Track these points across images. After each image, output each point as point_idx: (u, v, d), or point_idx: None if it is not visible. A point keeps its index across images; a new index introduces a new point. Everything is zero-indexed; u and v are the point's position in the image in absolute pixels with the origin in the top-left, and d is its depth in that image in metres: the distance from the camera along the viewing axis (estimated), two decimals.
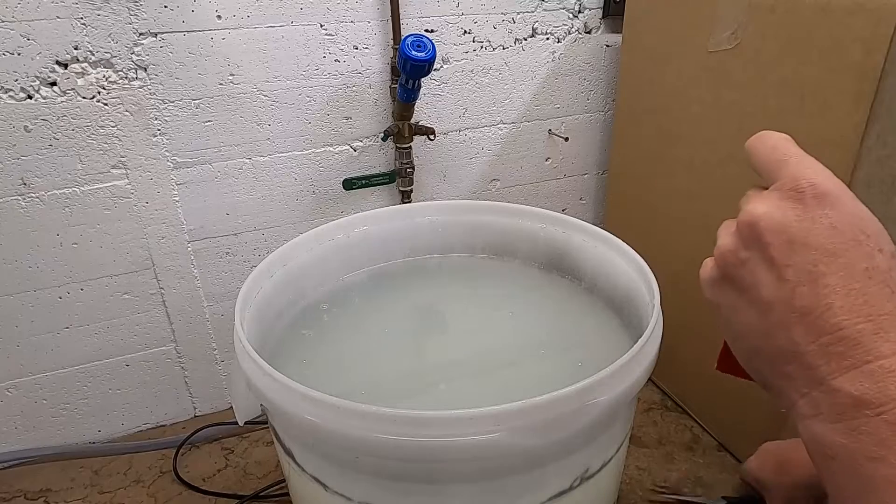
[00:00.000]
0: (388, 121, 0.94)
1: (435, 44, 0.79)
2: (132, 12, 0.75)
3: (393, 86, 0.90)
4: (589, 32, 1.03)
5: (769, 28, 0.69)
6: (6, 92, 0.73)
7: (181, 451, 0.92)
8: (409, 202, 0.99)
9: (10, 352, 0.85)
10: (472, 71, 0.97)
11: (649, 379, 0.49)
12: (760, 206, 0.27)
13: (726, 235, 0.30)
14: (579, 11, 1.00)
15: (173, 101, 0.80)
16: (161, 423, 0.99)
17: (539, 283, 0.74)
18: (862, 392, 0.23)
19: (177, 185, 0.85)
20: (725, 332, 0.31)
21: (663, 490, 0.81)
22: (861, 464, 0.23)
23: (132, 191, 0.83)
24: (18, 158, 0.76)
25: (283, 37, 0.83)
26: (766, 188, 0.29)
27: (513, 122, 1.04)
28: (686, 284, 0.91)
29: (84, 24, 0.73)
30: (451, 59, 0.95)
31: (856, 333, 0.24)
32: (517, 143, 1.06)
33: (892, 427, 0.23)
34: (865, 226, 0.26)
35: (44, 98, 0.75)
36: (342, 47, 0.87)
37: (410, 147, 0.94)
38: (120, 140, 0.80)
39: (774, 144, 0.29)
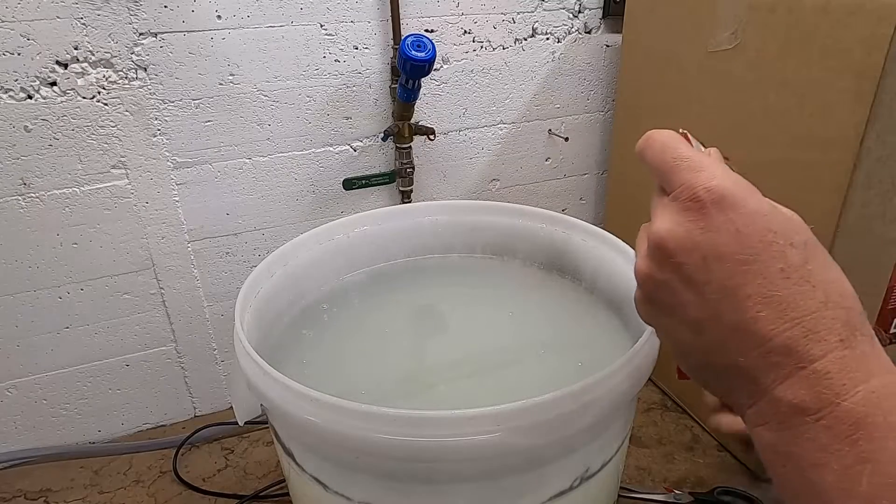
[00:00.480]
0: (388, 121, 0.94)
1: (435, 44, 0.79)
2: (132, 12, 0.75)
3: (393, 86, 0.90)
4: (589, 32, 1.03)
5: (769, 28, 0.69)
6: (6, 92, 0.73)
7: (181, 451, 0.92)
8: (409, 202, 0.99)
9: (10, 352, 0.85)
10: (472, 71, 0.97)
11: (649, 379, 0.49)
12: (664, 224, 0.27)
13: (641, 257, 0.29)
14: (579, 11, 1.00)
15: (173, 101, 0.80)
16: (161, 423, 0.99)
17: (539, 283, 0.74)
18: (800, 399, 0.23)
19: (177, 185, 0.85)
20: (668, 349, 0.30)
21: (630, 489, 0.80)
22: (808, 470, 0.23)
23: (132, 191, 0.83)
24: (18, 158, 0.76)
25: (283, 37, 0.83)
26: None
27: (513, 122, 1.04)
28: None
29: (84, 24, 0.73)
30: (451, 59, 0.95)
31: (787, 340, 0.24)
32: (517, 143, 1.06)
33: (832, 432, 0.22)
34: (770, 222, 0.25)
35: (44, 98, 0.75)
36: (342, 47, 0.87)
37: (410, 147, 0.94)
38: (120, 140, 0.80)
39: (663, 145, 0.28)
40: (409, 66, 0.79)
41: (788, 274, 0.24)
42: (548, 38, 1.00)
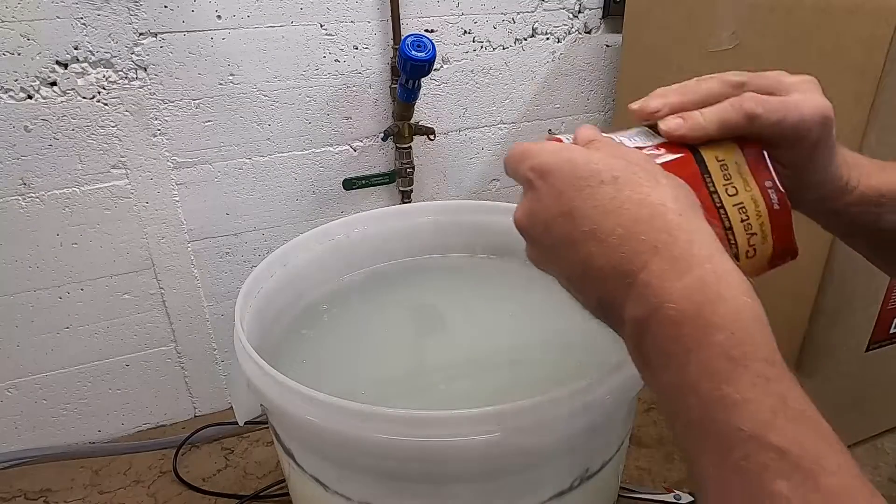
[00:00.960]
0: (388, 121, 0.94)
1: (435, 44, 0.79)
2: (132, 12, 0.75)
3: (393, 86, 0.90)
4: (589, 32, 1.03)
5: (769, 28, 0.69)
6: (6, 92, 0.73)
7: (181, 451, 0.92)
8: (409, 202, 0.99)
9: (10, 352, 0.85)
10: (472, 71, 0.97)
11: None
12: (516, 211, 0.31)
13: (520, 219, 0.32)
14: (579, 11, 1.00)
15: (173, 101, 0.80)
16: (161, 423, 0.99)
17: (539, 283, 0.74)
18: (637, 314, 0.25)
19: (177, 185, 0.85)
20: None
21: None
22: (656, 379, 0.25)
23: (132, 191, 0.83)
24: (18, 158, 0.76)
25: (283, 37, 0.83)
26: None
27: (513, 122, 1.04)
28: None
29: (84, 24, 0.73)
30: (451, 59, 0.95)
31: (615, 266, 0.26)
32: None
33: (662, 334, 0.24)
34: (579, 171, 0.28)
35: (44, 98, 0.75)
36: (342, 47, 0.87)
37: (410, 147, 0.94)
38: (120, 140, 0.80)
39: (516, 152, 0.32)
40: (409, 66, 0.79)
41: (602, 209, 0.27)
42: (548, 38, 1.00)
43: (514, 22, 0.96)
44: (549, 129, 1.07)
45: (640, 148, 0.32)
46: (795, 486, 0.20)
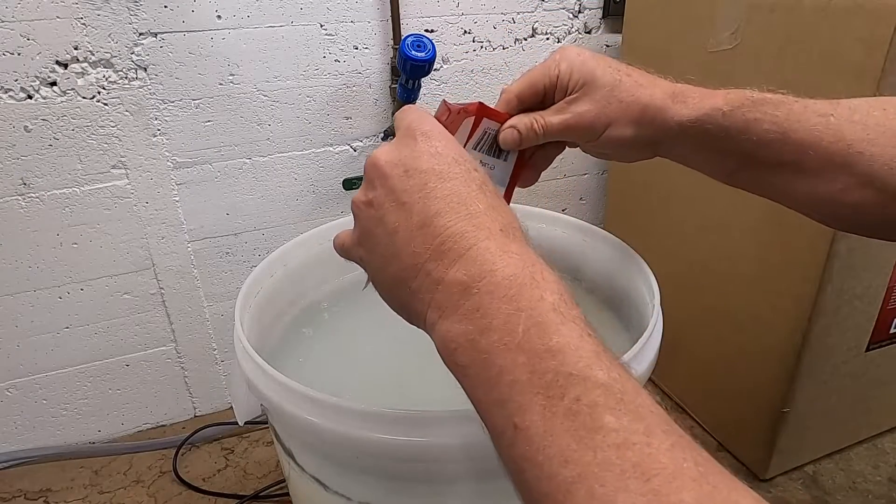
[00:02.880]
0: (388, 121, 0.94)
1: (435, 44, 0.79)
2: (132, 12, 0.75)
3: (393, 86, 0.90)
4: (589, 32, 1.03)
5: (769, 28, 0.69)
6: (6, 92, 0.73)
7: (181, 451, 0.92)
8: None
9: (10, 352, 0.85)
10: (472, 71, 0.97)
11: (649, 379, 0.49)
12: (382, 151, 0.32)
13: (356, 194, 0.34)
14: (579, 11, 1.00)
15: (173, 101, 0.80)
16: (161, 423, 0.99)
17: None
18: (466, 275, 0.26)
19: (177, 185, 0.85)
20: (373, 282, 0.34)
21: None
22: (478, 341, 0.25)
23: (132, 191, 0.83)
24: (18, 158, 0.76)
25: (283, 37, 0.83)
26: None
27: None
28: (686, 284, 0.91)
29: (84, 24, 0.73)
30: (451, 59, 0.95)
31: (459, 229, 0.28)
32: None
33: (491, 295, 0.26)
34: (462, 154, 0.31)
35: (44, 98, 0.75)
36: (342, 47, 0.87)
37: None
38: (120, 140, 0.80)
39: (404, 110, 0.35)
40: (409, 66, 0.79)
41: (468, 185, 0.29)
42: (548, 38, 1.00)
43: (514, 22, 0.96)
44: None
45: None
46: (620, 417, 0.21)
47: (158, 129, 0.81)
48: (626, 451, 0.21)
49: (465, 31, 0.94)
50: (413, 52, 0.78)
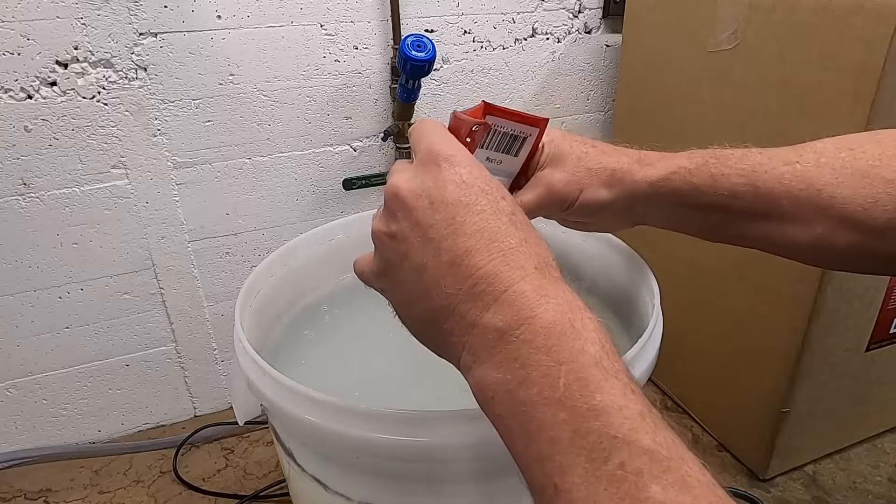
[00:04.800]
0: (388, 121, 0.94)
1: (435, 44, 0.79)
2: (132, 12, 0.75)
3: (393, 86, 0.90)
4: (589, 32, 1.03)
5: (769, 28, 0.69)
6: (6, 92, 0.73)
7: (181, 451, 0.92)
8: None
9: (10, 352, 0.85)
10: (472, 71, 0.97)
11: (649, 379, 0.49)
12: (401, 178, 0.30)
13: (377, 219, 0.32)
14: (579, 11, 1.00)
15: (173, 101, 0.80)
16: (161, 423, 0.99)
17: None
18: (503, 321, 0.25)
19: (177, 185, 0.85)
20: (399, 316, 0.32)
21: None
22: (516, 392, 0.24)
23: (132, 191, 0.83)
24: (18, 158, 0.76)
25: (283, 37, 0.83)
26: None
27: None
28: (686, 284, 0.91)
29: (84, 24, 0.73)
30: (451, 59, 0.95)
31: (492, 269, 0.26)
32: None
33: (529, 345, 0.24)
34: (488, 180, 0.29)
35: (44, 98, 0.75)
36: (342, 47, 0.87)
37: (410, 147, 0.94)
38: (120, 140, 0.80)
39: (420, 127, 0.33)
40: (409, 66, 0.79)
41: (498, 218, 0.28)
42: (548, 38, 1.00)
43: (514, 22, 0.96)
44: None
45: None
46: (666, 488, 0.21)
47: (158, 129, 0.81)
48: None
49: (465, 31, 0.94)
50: (413, 52, 0.78)
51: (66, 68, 0.74)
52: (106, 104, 0.77)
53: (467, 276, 0.26)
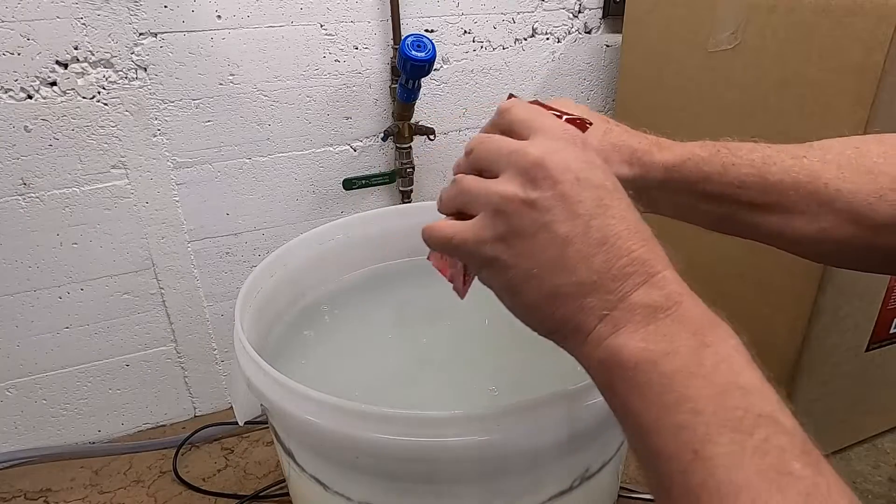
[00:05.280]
0: (388, 121, 0.94)
1: (435, 44, 0.79)
2: (132, 12, 0.75)
3: (393, 86, 0.90)
4: (589, 32, 1.03)
5: (769, 28, 0.69)
6: (6, 92, 0.73)
7: (181, 451, 0.92)
8: (409, 202, 0.99)
9: (10, 352, 0.85)
10: (472, 71, 0.97)
11: None
12: (541, 149, 0.29)
13: (500, 185, 0.30)
14: (579, 11, 1.00)
15: (173, 101, 0.80)
16: (161, 423, 0.99)
17: None
18: (653, 301, 0.27)
19: (177, 185, 0.85)
20: (510, 285, 0.31)
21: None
22: (660, 363, 0.26)
23: (132, 191, 0.83)
24: (18, 158, 0.76)
25: (283, 37, 0.83)
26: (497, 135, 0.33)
27: None
28: (686, 283, 0.91)
29: (84, 24, 0.73)
30: (451, 59, 0.95)
31: (642, 254, 0.28)
32: None
33: (678, 324, 0.26)
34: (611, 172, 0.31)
35: (44, 98, 0.75)
36: (342, 47, 0.87)
37: (410, 147, 0.94)
38: (120, 140, 0.80)
39: (523, 104, 0.34)
40: (409, 66, 0.79)
41: (633, 209, 0.30)
42: (548, 38, 1.00)
43: (514, 22, 0.96)
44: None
45: None
46: (805, 466, 0.22)
47: (158, 129, 0.81)
48: (813, 500, 0.21)
49: (465, 31, 0.94)
50: (413, 52, 0.78)
51: (66, 68, 0.74)
52: (106, 104, 0.77)
53: (619, 256, 0.28)
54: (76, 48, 0.74)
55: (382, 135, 0.92)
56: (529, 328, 0.31)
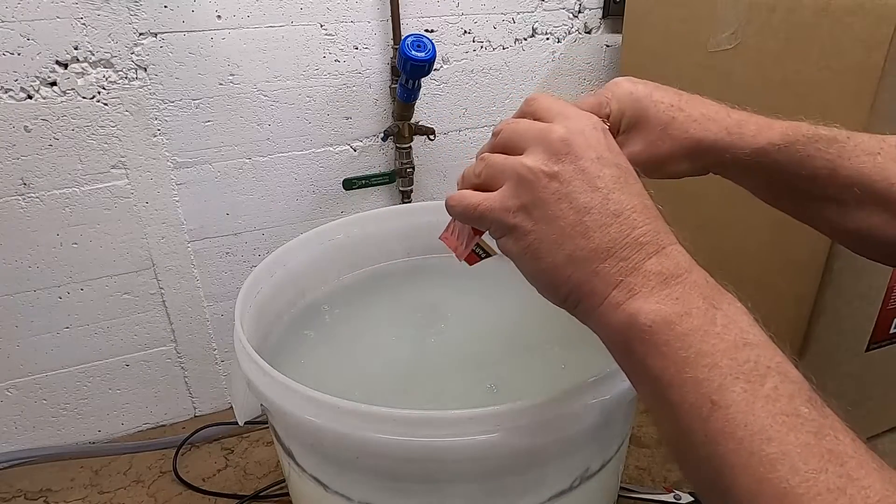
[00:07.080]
0: (388, 121, 0.94)
1: (435, 44, 0.79)
2: (132, 12, 0.75)
3: (393, 86, 0.90)
4: (589, 32, 1.03)
5: (769, 28, 0.69)
6: (6, 92, 0.73)
7: (181, 451, 0.92)
8: (409, 202, 0.99)
9: (10, 352, 0.85)
10: (472, 71, 0.97)
11: None
12: (565, 128, 0.32)
13: (526, 159, 0.32)
14: (579, 11, 1.00)
15: (173, 101, 0.80)
16: (161, 423, 0.99)
17: None
18: (665, 269, 0.29)
19: (177, 185, 0.85)
20: (530, 250, 0.33)
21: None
22: (676, 323, 0.28)
23: (132, 191, 0.83)
24: (18, 158, 0.76)
25: (283, 37, 0.83)
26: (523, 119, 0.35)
27: None
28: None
29: (84, 24, 0.73)
30: (451, 59, 0.95)
31: (654, 228, 0.30)
32: None
33: (690, 289, 0.29)
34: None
35: (44, 98, 0.75)
36: (342, 47, 0.87)
37: (410, 147, 0.94)
38: (120, 140, 0.80)
39: (547, 97, 0.36)
40: (410, 66, 0.79)
41: (645, 191, 0.32)
42: (548, 38, 1.00)
43: (514, 22, 0.96)
44: None
45: None
46: (812, 410, 0.25)
47: (158, 129, 0.81)
48: (821, 439, 0.24)
49: (465, 31, 0.94)
50: (413, 52, 0.78)
51: (66, 68, 0.74)
52: (106, 104, 0.77)
53: (634, 227, 0.30)
54: (76, 48, 0.74)
55: (382, 135, 0.92)
56: (545, 297, 0.34)
